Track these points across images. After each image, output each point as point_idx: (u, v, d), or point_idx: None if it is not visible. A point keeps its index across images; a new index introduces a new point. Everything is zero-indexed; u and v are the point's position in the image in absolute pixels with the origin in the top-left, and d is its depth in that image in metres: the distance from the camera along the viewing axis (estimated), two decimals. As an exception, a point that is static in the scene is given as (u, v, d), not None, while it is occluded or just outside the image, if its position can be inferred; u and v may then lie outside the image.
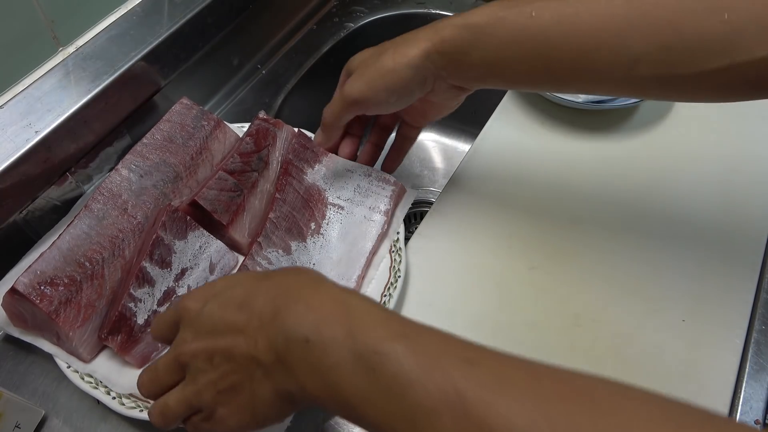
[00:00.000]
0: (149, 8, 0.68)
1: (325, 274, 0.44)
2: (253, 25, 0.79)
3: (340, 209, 0.59)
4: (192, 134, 0.61)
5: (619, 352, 0.53)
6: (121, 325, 0.49)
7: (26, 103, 0.58)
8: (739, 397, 0.51)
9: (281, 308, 0.35)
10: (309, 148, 0.61)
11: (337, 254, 0.57)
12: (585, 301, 0.57)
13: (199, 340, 0.38)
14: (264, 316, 0.36)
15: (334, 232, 0.58)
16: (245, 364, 0.36)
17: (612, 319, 0.55)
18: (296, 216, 0.57)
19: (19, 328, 0.52)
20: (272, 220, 0.55)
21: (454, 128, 1.02)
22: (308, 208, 0.58)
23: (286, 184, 0.58)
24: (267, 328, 0.35)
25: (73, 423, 0.51)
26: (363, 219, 0.59)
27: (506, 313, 0.56)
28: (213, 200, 0.56)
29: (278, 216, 0.56)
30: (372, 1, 0.90)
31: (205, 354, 0.37)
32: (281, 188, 0.58)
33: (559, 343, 0.54)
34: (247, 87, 0.79)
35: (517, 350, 0.32)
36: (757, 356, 0.54)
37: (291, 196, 0.58)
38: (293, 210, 0.57)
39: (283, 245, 0.55)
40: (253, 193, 0.59)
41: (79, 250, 0.52)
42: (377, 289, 0.55)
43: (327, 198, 0.60)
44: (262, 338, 0.35)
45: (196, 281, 0.54)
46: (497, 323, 0.55)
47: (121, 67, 0.62)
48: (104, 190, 0.55)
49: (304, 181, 0.59)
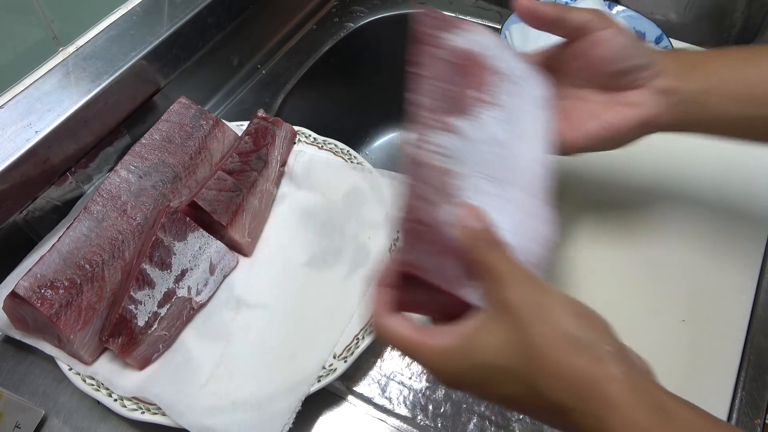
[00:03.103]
0: (149, 8, 0.68)
1: (516, 154, 0.42)
2: (253, 25, 0.79)
3: (510, 80, 0.46)
4: (191, 134, 0.61)
5: (619, 353, 0.53)
6: (121, 327, 0.49)
7: (26, 103, 0.58)
8: (739, 397, 0.51)
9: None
10: (441, 18, 0.47)
11: (525, 130, 0.45)
12: (584, 300, 0.56)
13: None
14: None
15: (511, 103, 0.45)
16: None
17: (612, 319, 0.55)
18: (451, 88, 0.43)
19: (20, 331, 0.52)
20: (418, 104, 0.42)
21: (454, 128, 1.02)
22: (463, 75, 0.44)
23: (426, 53, 0.44)
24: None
25: (73, 423, 0.51)
26: (534, 99, 0.47)
27: (506, 313, 0.56)
28: (212, 201, 0.56)
29: (426, 96, 0.42)
30: (372, 1, 0.89)
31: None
32: (421, 61, 0.44)
33: (559, 343, 0.54)
34: (247, 87, 0.79)
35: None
36: (757, 356, 0.54)
37: (437, 66, 0.44)
38: (443, 82, 0.44)
39: (442, 125, 0.41)
40: (253, 193, 0.59)
41: (79, 252, 0.52)
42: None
43: (487, 63, 0.46)
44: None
45: (196, 282, 0.54)
46: (497, 323, 0.55)
47: (121, 67, 0.62)
48: (103, 192, 0.55)
49: (446, 45, 0.45)
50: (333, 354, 0.51)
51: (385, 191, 0.61)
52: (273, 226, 0.61)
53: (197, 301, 0.54)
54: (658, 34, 0.74)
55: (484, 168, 0.40)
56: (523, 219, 0.40)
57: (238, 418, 0.48)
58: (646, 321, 0.55)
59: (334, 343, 0.52)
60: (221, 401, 0.49)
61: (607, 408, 0.32)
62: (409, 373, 0.53)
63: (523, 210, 0.40)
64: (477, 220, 0.37)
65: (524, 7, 0.48)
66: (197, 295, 0.54)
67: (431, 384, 0.53)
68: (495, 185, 0.40)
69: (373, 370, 0.54)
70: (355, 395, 0.52)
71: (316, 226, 0.60)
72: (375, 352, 0.54)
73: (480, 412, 0.51)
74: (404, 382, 0.53)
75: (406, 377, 0.53)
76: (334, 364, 0.50)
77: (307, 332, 0.53)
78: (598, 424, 0.32)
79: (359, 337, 0.52)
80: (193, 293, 0.54)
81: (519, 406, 0.36)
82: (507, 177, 0.41)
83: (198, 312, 0.54)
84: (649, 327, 0.55)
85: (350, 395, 0.52)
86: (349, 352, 0.51)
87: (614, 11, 0.77)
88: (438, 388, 0.52)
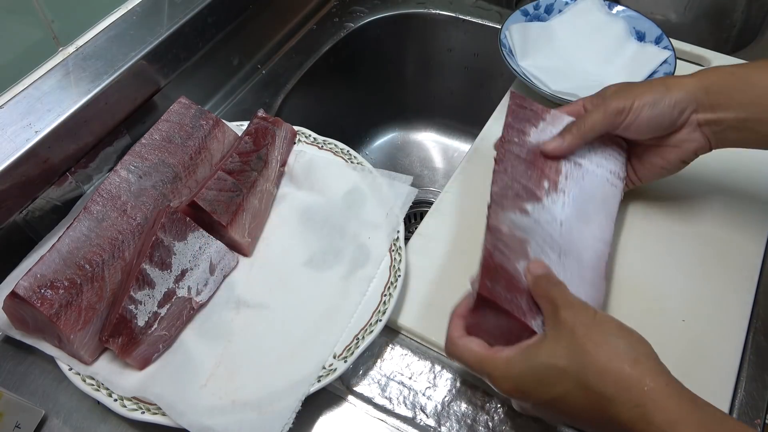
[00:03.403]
0: (149, 8, 0.68)
1: (578, 232, 0.52)
2: (253, 25, 0.79)
3: (578, 166, 0.56)
4: (191, 134, 0.61)
5: (619, 353, 0.53)
6: (121, 327, 0.49)
7: (26, 103, 0.58)
8: (739, 397, 0.51)
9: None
10: (527, 107, 0.58)
11: (587, 213, 0.54)
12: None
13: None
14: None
15: (576, 189, 0.55)
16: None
17: (612, 320, 0.55)
18: (522, 180, 0.53)
19: (20, 331, 0.52)
20: (495, 193, 0.52)
21: (454, 128, 1.03)
22: (536, 168, 0.54)
23: (505, 151, 0.54)
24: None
25: (73, 423, 0.51)
26: (606, 181, 0.56)
27: (506, 313, 0.56)
28: (212, 201, 0.56)
29: (501, 187, 0.52)
30: (372, 1, 0.89)
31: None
32: (500, 159, 0.54)
33: (559, 343, 0.54)
34: (247, 87, 0.79)
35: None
36: (757, 356, 0.54)
37: (512, 163, 0.54)
38: (516, 175, 0.53)
39: (518, 208, 0.51)
40: (253, 193, 0.59)
41: (78, 252, 0.52)
42: (378, 288, 0.55)
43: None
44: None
45: (196, 282, 0.54)
46: (497, 323, 0.55)
47: (121, 67, 0.62)
48: (103, 192, 0.55)
49: (526, 141, 0.56)
50: (333, 354, 0.51)
51: (385, 191, 0.61)
52: (273, 226, 0.61)
53: (197, 301, 0.54)
54: (658, 34, 0.74)
55: (549, 241, 0.51)
56: (576, 281, 0.49)
57: (238, 418, 0.48)
58: (646, 321, 0.55)
59: (334, 343, 0.52)
60: (221, 401, 0.49)
61: (646, 397, 0.38)
62: (409, 372, 0.53)
63: (577, 275, 0.50)
64: (541, 268, 0.47)
65: (554, 152, 0.55)
66: (197, 295, 0.54)
67: (431, 384, 0.53)
68: (557, 254, 0.50)
69: (373, 370, 0.54)
70: (355, 395, 0.52)
71: (316, 226, 0.60)
72: (375, 352, 0.54)
73: (480, 412, 0.51)
74: (404, 382, 0.53)
75: (406, 377, 0.53)
76: (334, 364, 0.50)
77: (307, 332, 0.53)
78: (638, 410, 0.38)
79: (359, 337, 0.52)
80: (193, 293, 0.54)
81: (565, 406, 0.42)
82: (566, 248, 0.51)
83: (198, 312, 0.54)
84: (649, 327, 0.55)
85: (350, 395, 0.52)
86: (349, 352, 0.51)
87: (614, 11, 0.77)
88: (438, 388, 0.52)
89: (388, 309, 0.53)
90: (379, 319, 0.52)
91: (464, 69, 0.94)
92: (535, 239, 0.50)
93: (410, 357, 0.54)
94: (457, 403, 0.52)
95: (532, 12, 0.78)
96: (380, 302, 0.54)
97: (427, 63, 0.95)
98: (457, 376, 0.53)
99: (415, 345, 0.55)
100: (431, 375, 0.53)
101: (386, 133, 1.03)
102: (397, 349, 0.55)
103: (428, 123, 1.03)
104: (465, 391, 0.52)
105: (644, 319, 0.55)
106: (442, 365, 0.54)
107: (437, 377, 0.53)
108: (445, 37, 0.91)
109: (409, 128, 1.03)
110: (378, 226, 0.59)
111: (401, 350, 0.55)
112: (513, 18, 0.77)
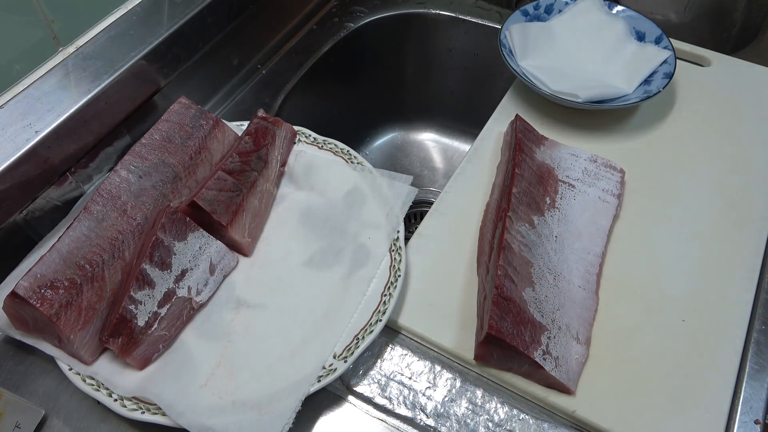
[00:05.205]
0: (149, 8, 0.68)
1: (569, 245, 0.57)
2: (253, 25, 0.79)
3: (572, 187, 0.62)
4: (191, 134, 0.61)
5: (618, 353, 0.53)
6: (121, 327, 0.49)
7: (26, 103, 0.58)
8: (739, 397, 0.51)
9: None
10: (531, 130, 0.65)
11: (577, 228, 0.60)
12: (585, 301, 0.57)
13: None
14: None
15: (570, 208, 0.61)
16: None
17: (612, 319, 0.55)
18: (533, 191, 0.60)
19: (20, 331, 0.52)
20: (515, 194, 0.58)
21: (454, 128, 1.03)
22: (541, 184, 0.61)
23: (521, 160, 0.61)
24: None
25: (73, 423, 0.51)
26: (597, 199, 0.62)
27: (506, 313, 0.56)
28: (212, 201, 0.56)
29: (519, 191, 0.58)
30: (372, 1, 0.89)
31: None
32: (519, 163, 0.60)
33: (559, 343, 0.54)
34: (247, 87, 0.79)
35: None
36: (757, 356, 0.54)
37: (527, 173, 0.60)
38: (530, 185, 0.60)
39: (527, 219, 0.57)
40: (253, 193, 0.59)
41: (78, 252, 0.52)
42: (378, 288, 0.55)
43: (557, 175, 0.63)
44: None
45: (196, 282, 0.54)
46: (497, 323, 0.55)
47: (121, 67, 0.62)
48: (103, 192, 0.55)
49: (534, 158, 0.63)
50: (333, 354, 0.51)
51: (385, 191, 0.61)
52: (273, 226, 0.61)
53: (197, 301, 0.54)
54: (658, 34, 0.74)
55: (547, 261, 0.56)
56: (567, 305, 0.54)
57: (238, 418, 0.48)
58: (646, 321, 0.55)
59: (334, 343, 0.52)
60: (221, 401, 0.49)
61: None
62: (409, 372, 0.53)
63: (569, 298, 0.55)
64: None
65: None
66: (197, 295, 0.54)
67: (431, 384, 0.53)
68: (552, 276, 0.55)
69: (373, 370, 0.54)
70: (355, 395, 0.52)
71: (316, 226, 0.60)
72: (375, 352, 0.54)
73: (480, 412, 0.51)
74: (404, 382, 0.53)
75: (406, 377, 0.53)
76: (334, 364, 0.50)
77: (307, 332, 0.53)
78: None
79: (359, 337, 0.52)
80: (193, 293, 0.54)
81: None
82: (559, 268, 0.56)
83: (198, 312, 0.54)
84: (649, 327, 0.55)
85: (350, 395, 0.52)
86: (349, 352, 0.51)
87: (614, 11, 0.77)
88: (438, 388, 0.52)
89: (388, 309, 0.53)
90: (379, 319, 0.52)
91: (464, 69, 0.94)
92: (537, 261, 0.55)
93: (410, 357, 0.54)
94: (457, 403, 0.52)
95: (532, 12, 0.78)
96: (380, 302, 0.54)
97: (427, 63, 0.96)
98: (457, 376, 0.53)
99: (415, 345, 0.55)
100: (431, 375, 0.53)
101: (386, 133, 1.03)
102: (397, 349, 0.55)
103: (428, 123, 1.03)
104: (465, 391, 0.52)
105: (644, 319, 0.55)
106: (442, 365, 0.54)
107: (437, 377, 0.53)
108: (445, 37, 0.91)
109: (409, 128, 1.03)
110: (378, 226, 0.59)
111: (401, 350, 0.55)
112: (513, 18, 0.77)
